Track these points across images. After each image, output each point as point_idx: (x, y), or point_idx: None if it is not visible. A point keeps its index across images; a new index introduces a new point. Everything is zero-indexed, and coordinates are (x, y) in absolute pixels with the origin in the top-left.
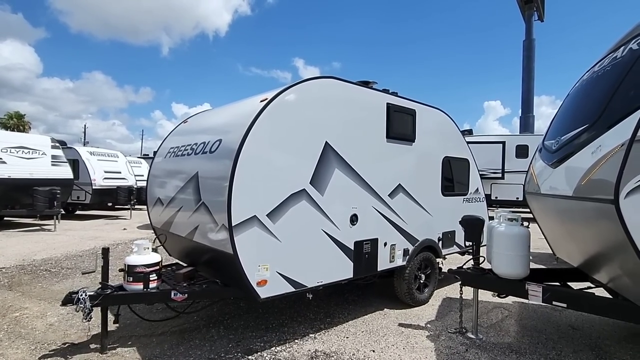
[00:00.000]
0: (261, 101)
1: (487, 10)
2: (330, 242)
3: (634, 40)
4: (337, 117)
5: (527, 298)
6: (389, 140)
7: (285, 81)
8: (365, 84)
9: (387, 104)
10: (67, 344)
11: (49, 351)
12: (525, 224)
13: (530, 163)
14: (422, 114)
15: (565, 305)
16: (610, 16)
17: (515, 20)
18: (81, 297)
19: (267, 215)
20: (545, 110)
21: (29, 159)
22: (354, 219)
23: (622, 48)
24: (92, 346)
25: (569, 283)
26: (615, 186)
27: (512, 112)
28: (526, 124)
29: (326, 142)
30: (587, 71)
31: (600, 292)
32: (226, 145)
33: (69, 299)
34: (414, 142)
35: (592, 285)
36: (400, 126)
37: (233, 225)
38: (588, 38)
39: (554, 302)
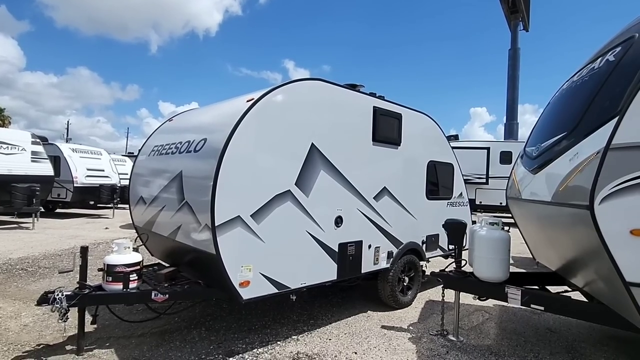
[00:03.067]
0: (247, 101)
1: (474, 18)
2: (314, 244)
3: (610, 52)
4: (324, 119)
5: (507, 301)
6: (375, 144)
7: (275, 82)
8: (353, 87)
9: (374, 107)
10: (41, 345)
11: (23, 352)
12: (506, 228)
13: (512, 169)
14: (408, 118)
15: (542, 308)
16: (592, 29)
17: (502, 29)
18: (57, 297)
19: (251, 215)
20: (529, 118)
21: (8, 154)
22: (338, 221)
23: (599, 59)
24: (68, 347)
25: (547, 287)
26: (591, 192)
27: (497, 119)
28: (510, 131)
29: (312, 143)
30: (567, 80)
31: (577, 295)
32: (211, 144)
33: (45, 299)
34: (399, 145)
35: (569, 289)
36: (386, 130)
37: (216, 225)
38: (571, 49)
39: (532, 305)
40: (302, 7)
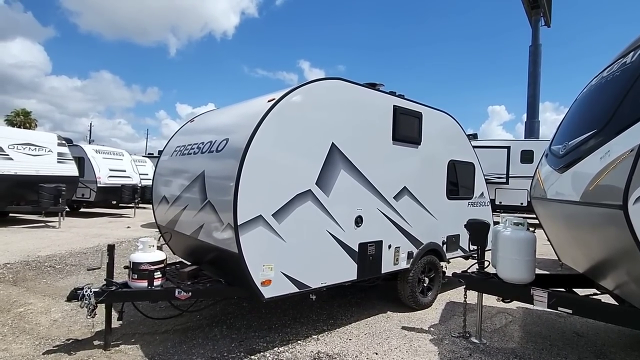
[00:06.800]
0: (268, 101)
1: (492, 15)
2: (334, 244)
3: None
4: (344, 118)
5: (532, 303)
6: (395, 143)
7: (291, 83)
8: (372, 86)
9: (394, 106)
10: (70, 340)
11: (53, 347)
12: (532, 229)
13: (537, 168)
14: (428, 116)
15: (571, 311)
16: (616, 25)
17: (521, 25)
18: (86, 294)
19: (272, 215)
20: (550, 117)
21: (35, 155)
22: (358, 221)
23: (631, 54)
24: (96, 343)
25: (574, 289)
26: (624, 192)
27: (516, 118)
28: (531, 129)
29: (332, 143)
30: (596, 76)
31: (606, 298)
32: (233, 144)
33: (74, 295)
34: (419, 144)
35: (598, 292)
36: (406, 129)
37: (239, 224)
38: (593, 46)
39: (559, 308)
40: (318, 8)
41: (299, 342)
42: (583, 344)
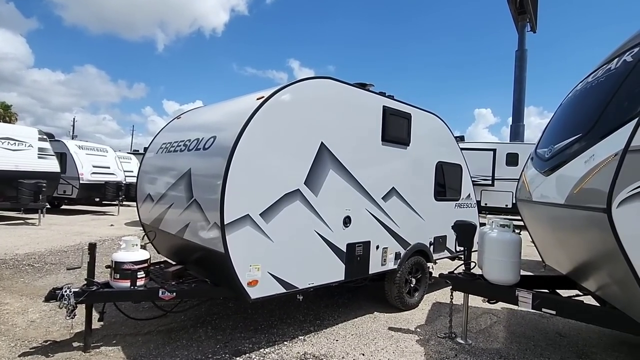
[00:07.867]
0: (257, 99)
1: (480, 19)
2: (322, 244)
3: (627, 53)
4: (334, 118)
5: (517, 304)
6: (384, 143)
7: (281, 82)
8: (362, 86)
9: (384, 106)
10: (49, 342)
11: (30, 348)
12: (517, 231)
13: (523, 170)
14: (417, 118)
15: (554, 312)
16: (600, 31)
17: (508, 29)
18: (65, 294)
19: (260, 214)
20: (534, 121)
21: (15, 150)
22: (347, 221)
23: (616, 60)
24: (75, 344)
25: (557, 290)
26: (608, 195)
27: (502, 121)
28: (516, 133)
29: (322, 142)
30: (581, 82)
31: (588, 300)
32: (221, 142)
33: (53, 295)
34: (408, 146)
35: (581, 293)
36: (395, 129)
37: (225, 223)
38: (577, 52)
39: (543, 309)
40: (308, 7)
41: (285, 343)
42: (565, 344)
